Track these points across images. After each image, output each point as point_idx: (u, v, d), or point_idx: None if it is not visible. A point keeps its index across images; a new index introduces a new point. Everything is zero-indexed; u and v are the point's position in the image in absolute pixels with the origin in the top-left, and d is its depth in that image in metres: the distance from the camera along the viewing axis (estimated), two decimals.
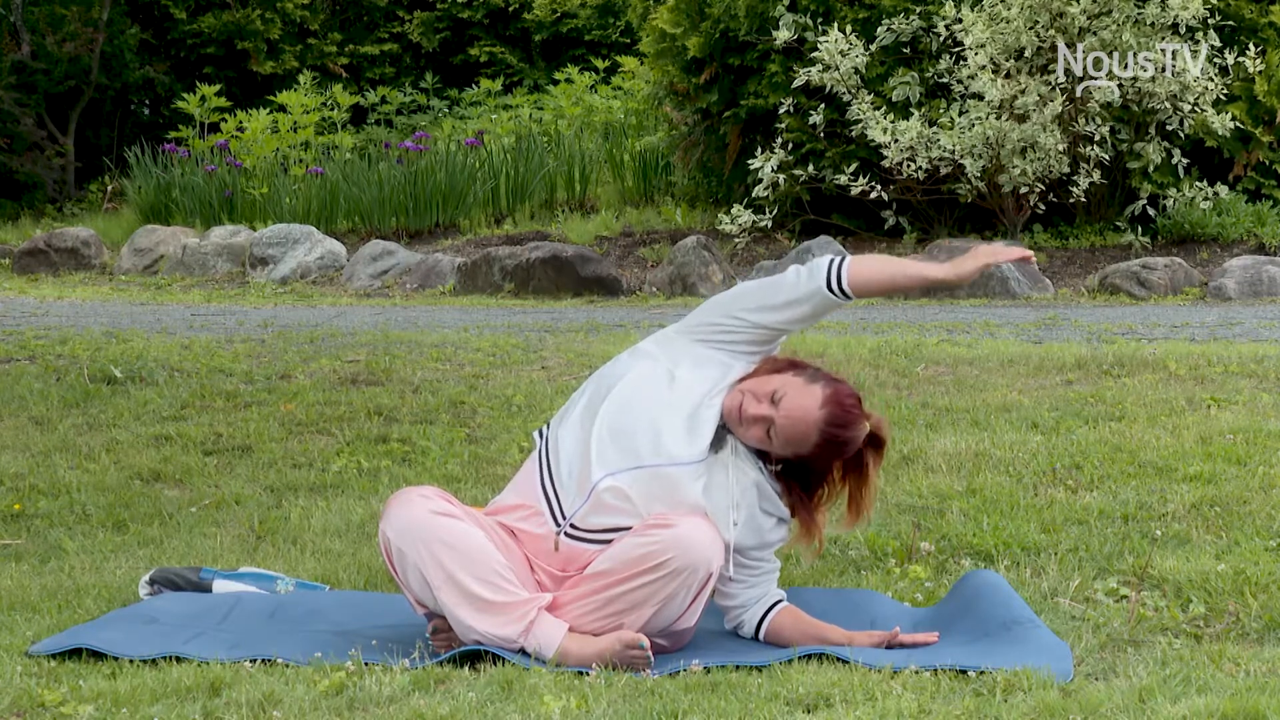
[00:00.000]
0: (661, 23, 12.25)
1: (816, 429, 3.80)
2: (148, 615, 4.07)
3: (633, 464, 3.79)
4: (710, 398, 3.86)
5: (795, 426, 3.80)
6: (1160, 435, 5.69)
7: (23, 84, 17.45)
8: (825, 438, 3.81)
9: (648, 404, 3.84)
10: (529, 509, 3.86)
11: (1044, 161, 10.78)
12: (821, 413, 3.80)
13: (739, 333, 3.90)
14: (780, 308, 3.88)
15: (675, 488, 3.79)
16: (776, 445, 3.83)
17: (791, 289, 3.87)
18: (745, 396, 3.82)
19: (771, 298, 3.89)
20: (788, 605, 3.93)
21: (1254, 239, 11.10)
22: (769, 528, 3.90)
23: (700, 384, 3.87)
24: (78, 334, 9.09)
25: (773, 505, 3.90)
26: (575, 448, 3.84)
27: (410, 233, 13.55)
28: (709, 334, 3.93)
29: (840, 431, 3.82)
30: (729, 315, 3.91)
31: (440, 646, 3.78)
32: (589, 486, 3.79)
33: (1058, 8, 10.66)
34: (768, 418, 3.80)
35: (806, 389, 3.82)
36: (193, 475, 5.76)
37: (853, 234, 11.80)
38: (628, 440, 3.80)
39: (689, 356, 3.91)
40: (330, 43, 19.48)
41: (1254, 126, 11.10)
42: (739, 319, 3.90)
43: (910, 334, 8.32)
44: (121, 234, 14.29)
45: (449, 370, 7.49)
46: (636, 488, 3.78)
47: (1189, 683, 3.44)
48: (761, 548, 3.91)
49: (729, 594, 3.93)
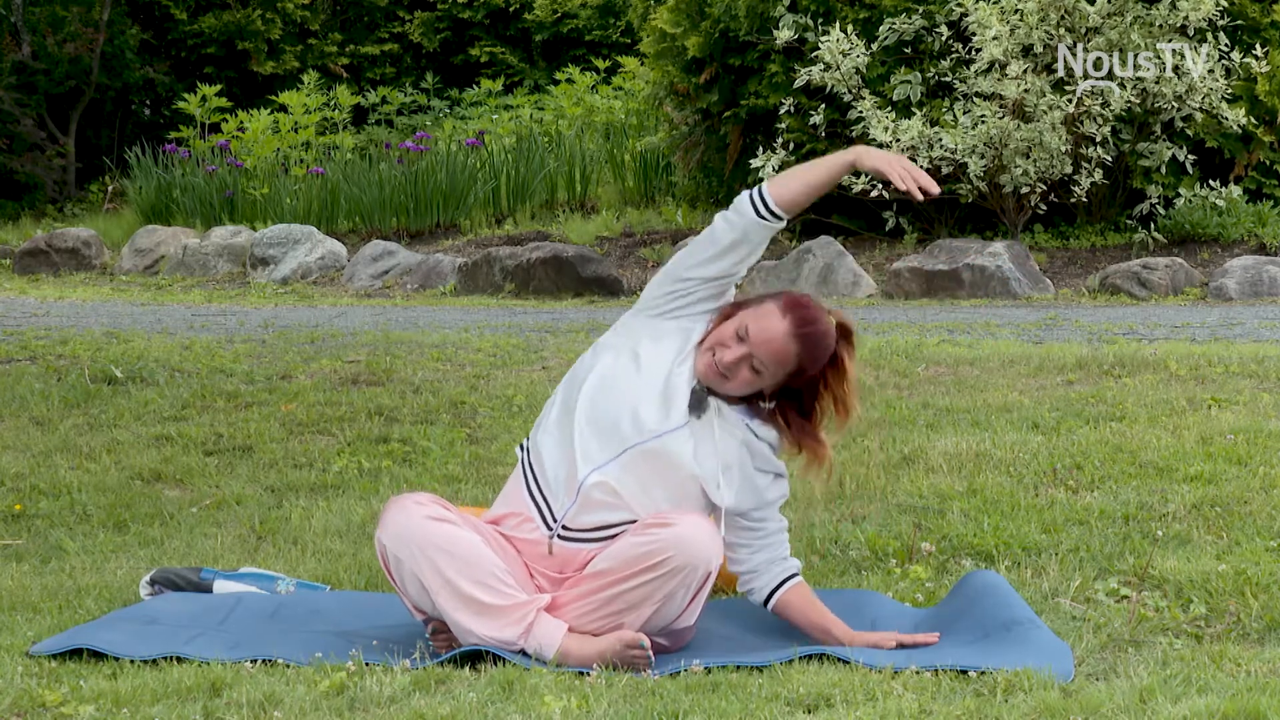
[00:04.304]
0: (661, 23, 12.25)
1: (791, 338, 3.82)
2: (148, 615, 4.07)
3: (617, 450, 3.80)
4: (678, 364, 3.89)
5: (772, 346, 3.82)
6: (1161, 435, 5.69)
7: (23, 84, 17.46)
8: (802, 341, 3.83)
9: (621, 390, 3.86)
10: (520, 516, 3.87)
11: (1047, 161, 10.78)
12: (787, 321, 3.83)
13: (692, 293, 3.93)
14: (723, 253, 3.90)
15: (665, 459, 3.80)
16: (766, 376, 3.85)
17: (726, 233, 3.90)
18: (714, 350, 3.85)
19: (712, 249, 3.91)
20: (799, 583, 3.93)
21: (1255, 239, 11.09)
22: (766, 485, 3.91)
23: (665, 355, 3.90)
24: (78, 334, 9.09)
25: (766, 462, 3.91)
26: (558, 450, 3.86)
27: (411, 233, 13.56)
28: (664, 305, 3.95)
29: (812, 328, 3.84)
30: (677, 280, 3.94)
31: (440, 647, 3.78)
32: (576, 485, 3.80)
33: (1069, 5, 10.65)
34: (744, 355, 3.83)
35: (763, 311, 3.85)
36: (193, 475, 5.77)
37: (854, 234, 11.80)
38: (609, 429, 3.82)
39: (647, 333, 3.94)
40: (331, 43, 19.49)
41: (1255, 126, 11.10)
42: (688, 279, 3.93)
43: (911, 334, 8.33)
44: (122, 234, 14.30)
45: (450, 370, 7.49)
46: (625, 478, 3.80)
47: (1190, 683, 3.44)
48: (762, 507, 3.92)
49: (737, 559, 3.94)
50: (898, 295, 10.77)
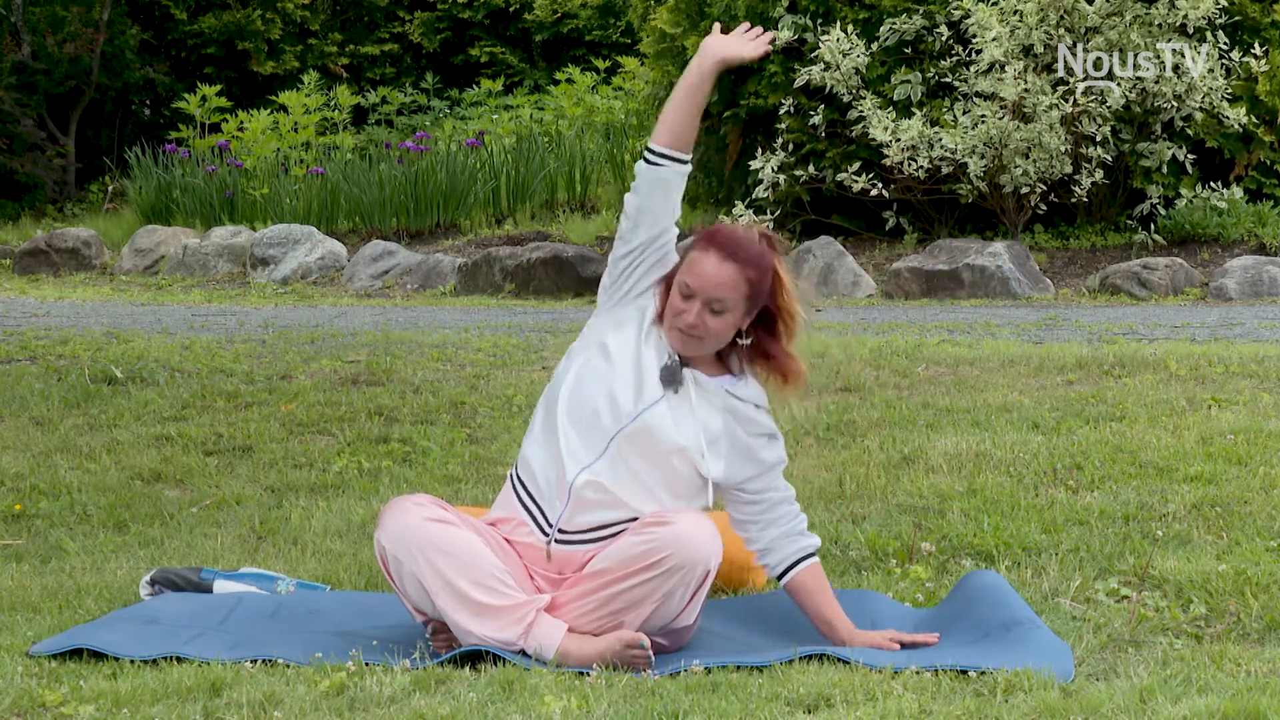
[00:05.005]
0: (661, 23, 12.25)
1: (728, 264, 3.82)
2: (148, 615, 4.07)
3: (602, 445, 3.81)
4: (644, 344, 3.89)
5: (716, 279, 3.81)
6: (1161, 435, 5.69)
7: (23, 84, 17.46)
8: (736, 258, 3.82)
9: (595, 382, 3.87)
10: (515, 521, 3.88)
11: (1047, 161, 10.78)
12: (713, 253, 3.83)
13: (635, 269, 3.93)
14: (638, 216, 3.91)
15: (647, 437, 3.81)
16: (730, 313, 3.84)
17: (632, 199, 3.92)
18: (674, 318, 3.85)
19: (628, 221, 3.93)
20: (810, 566, 3.92)
21: (1254, 239, 11.09)
22: (761, 448, 3.91)
23: (629, 339, 3.91)
24: (78, 334, 9.09)
25: (755, 425, 3.91)
26: (546, 456, 3.86)
27: (411, 233, 13.56)
28: (616, 293, 3.95)
29: (738, 244, 3.84)
30: (616, 266, 3.95)
31: (440, 647, 3.78)
32: (567, 487, 3.81)
33: (1068, 5, 10.65)
34: (702, 305, 3.81)
35: (691, 259, 3.85)
36: (193, 475, 5.77)
37: (854, 234, 11.80)
38: (590, 422, 3.83)
39: (609, 324, 3.95)
40: (331, 43, 19.48)
41: (1255, 126, 11.10)
42: (624, 258, 3.94)
43: (911, 334, 8.33)
44: (122, 234, 14.30)
45: (450, 371, 7.49)
46: (615, 471, 3.80)
47: (1190, 683, 3.44)
48: (762, 475, 3.91)
49: (750, 539, 3.95)
50: (898, 295, 10.77)
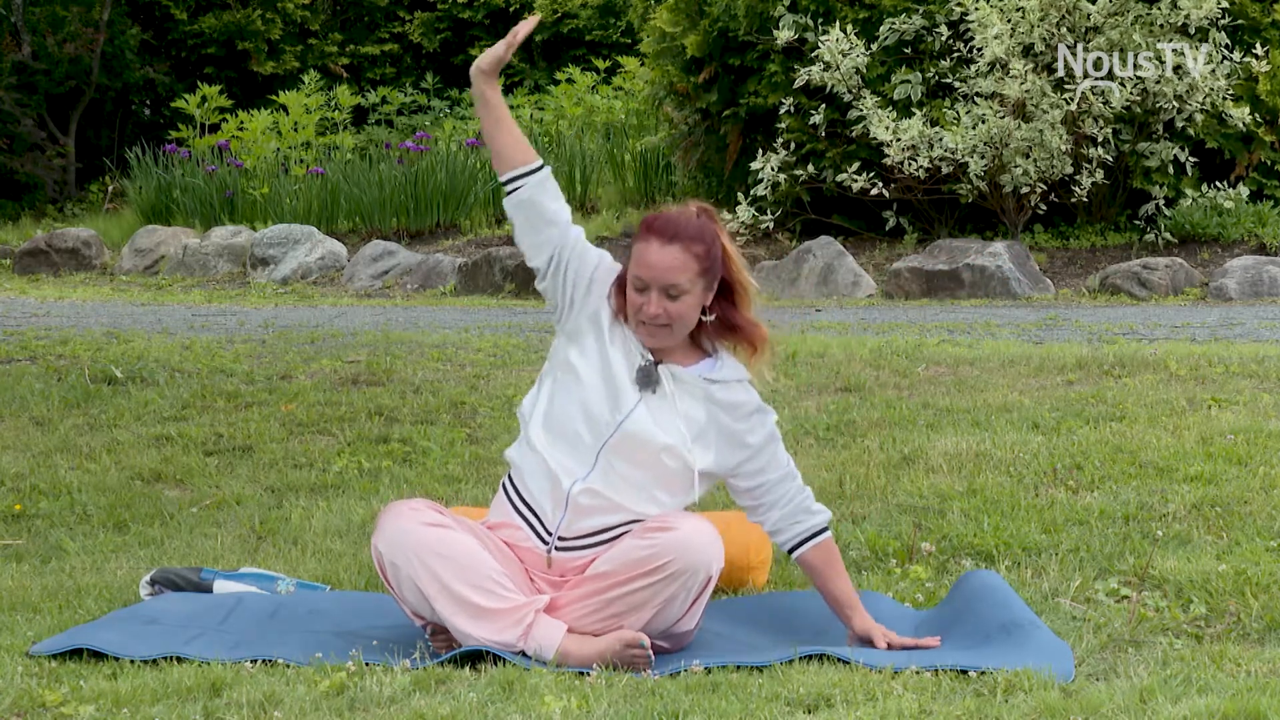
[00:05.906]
0: (661, 23, 12.25)
1: (671, 247, 3.81)
2: (148, 615, 4.07)
3: (591, 459, 3.81)
4: (609, 346, 3.88)
5: (664, 264, 3.80)
6: (1161, 435, 5.69)
7: (23, 84, 17.46)
8: (679, 239, 3.82)
9: (570, 405, 3.86)
10: (513, 525, 3.87)
11: (1047, 161, 10.78)
12: (654, 239, 3.83)
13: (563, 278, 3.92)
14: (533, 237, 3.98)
15: (633, 442, 3.81)
16: (694, 295, 3.83)
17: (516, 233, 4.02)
18: (636, 314, 3.84)
19: (529, 249, 4.00)
20: (820, 543, 3.92)
21: (1255, 239, 11.10)
22: (748, 431, 3.90)
23: (590, 349, 3.89)
24: (78, 334, 9.09)
25: (740, 407, 3.90)
26: (537, 467, 3.86)
27: (411, 233, 13.56)
28: (570, 306, 3.93)
29: (677, 226, 3.82)
30: (545, 287, 3.96)
31: (440, 647, 3.78)
32: (564, 495, 3.81)
33: (1070, 5, 10.65)
34: (659, 293, 3.80)
35: (636, 253, 3.85)
36: (193, 475, 5.77)
37: (854, 234, 11.80)
38: (572, 441, 3.83)
39: (565, 342, 3.93)
40: (331, 43, 19.49)
41: (1256, 126, 11.10)
42: (547, 272, 3.94)
43: (911, 334, 8.33)
44: (122, 234, 14.30)
45: (450, 371, 7.49)
46: (608, 479, 3.80)
47: (1190, 683, 3.44)
48: (754, 456, 3.90)
49: (759, 521, 3.96)
50: (898, 295, 10.77)
